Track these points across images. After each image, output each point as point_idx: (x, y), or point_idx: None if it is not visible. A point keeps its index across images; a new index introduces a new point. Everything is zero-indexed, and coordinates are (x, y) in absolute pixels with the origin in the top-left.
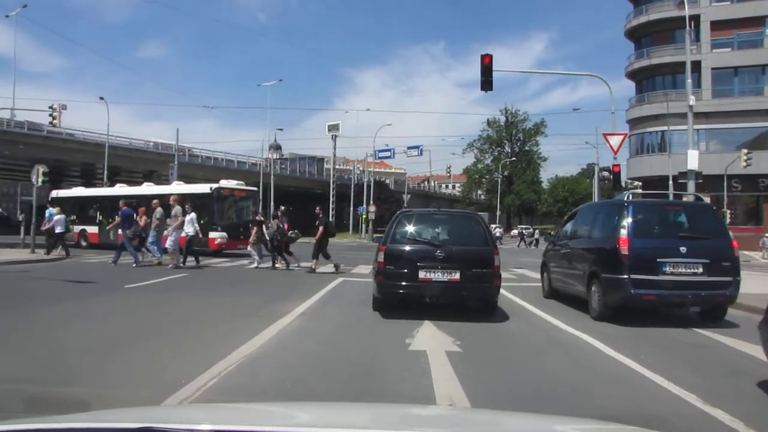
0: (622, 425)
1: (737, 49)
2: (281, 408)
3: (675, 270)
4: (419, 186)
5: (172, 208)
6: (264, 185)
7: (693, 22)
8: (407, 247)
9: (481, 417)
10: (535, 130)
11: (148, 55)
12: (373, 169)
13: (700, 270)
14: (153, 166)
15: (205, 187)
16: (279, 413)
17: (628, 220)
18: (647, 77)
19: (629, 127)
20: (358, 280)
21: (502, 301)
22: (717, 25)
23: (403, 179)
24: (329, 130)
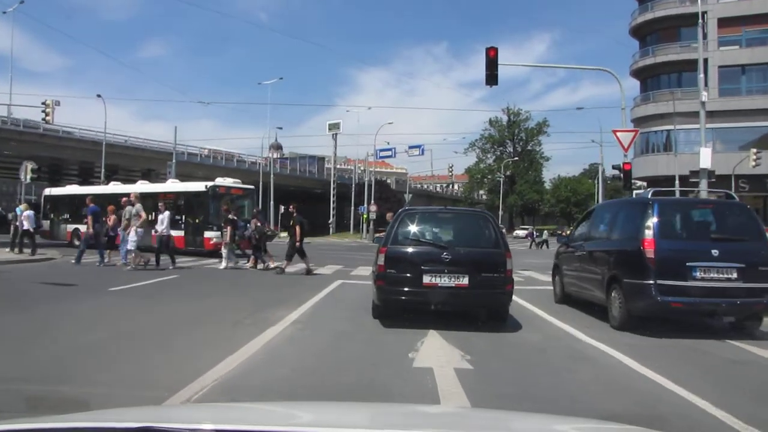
0: (622, 425)
1: (745, 47)
2: (282, 408)
3: (706, 275)
4: (421, 186)
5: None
6: (264, 184)
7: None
8: (410, 249)
9: (481, 417)
10: (537, 129)
11: (148, 54)
12: (374, 168)
13: (735, 275)
14: (151, 165)
15: (200, 186)
16: (279, 413)
17: (654, 220)
18: (652, 75)
19: (634, 126)
20: (358, 283)
21: (512, 306)
22: (724, 22)
23: (404, 179)
24: (330, 129)
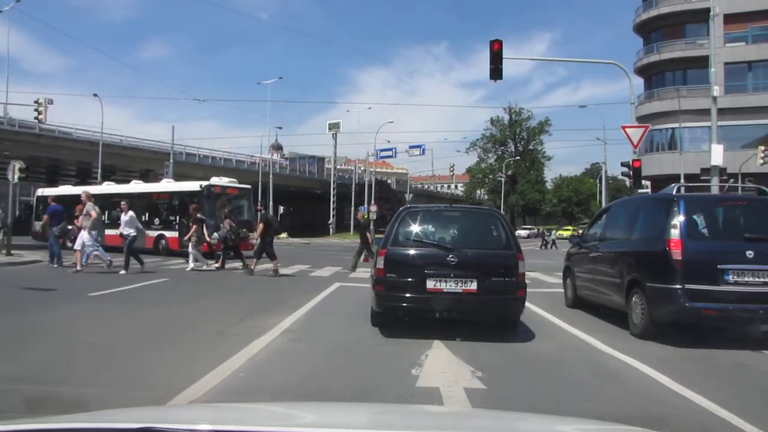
0: (622, 425)
1: (751, 43)
2: (281, 408)
3: (741, 279)
4: (422, 186)
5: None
6: (263, 185)
7: (705, 15)
8: (412, 251)
9: (482, 417)
10: (539, 128)
11: (149, 54)
12: (375, 168)
13: None
14: (149, 165)
15: (194, 185)
16: (279, 413)
17: (680, 218)
18: (657, 73)
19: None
20: (357, 286)
21: None
22: (730, 18)
23: (405, 179)
24: (330, 129)
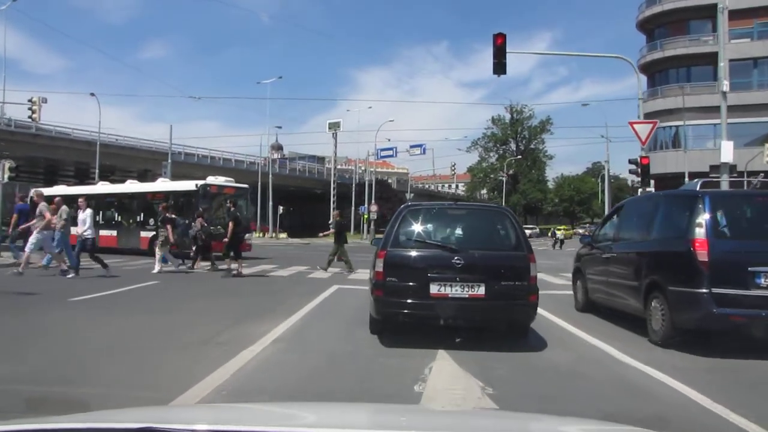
0: (622, 425)
1: (757, 39)
2: (281, 408)
3: None
4: (423, 186)
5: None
6: (263, 185)
7: (710, 11)
8: (414, 253)
9: (483, 417)
10: (541, 127)
11: (149, 55)
12: (375, 168)
13: None
14: (147, 165)
15: (190, 184)
16: (279, 413)
17: (705, 216)
18: (660, 70)
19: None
20: (356, 288)
21: None
22: (735, 14)
23: (405, 179)
24: (330, 128)
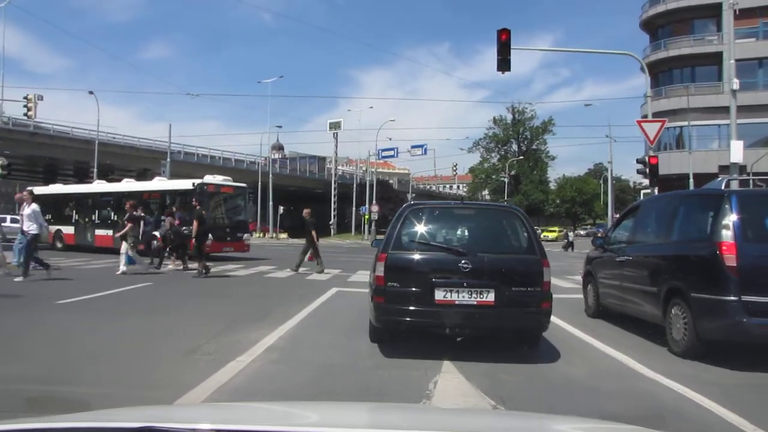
0: (622, 425)
1: (762, 39)
2: (282, 407)
3: None
4: (424, 187)
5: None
6: (263, 185)
7: (714, 10)
8: (418, 256)
9: (481, 417)
10: (543, 128)
11: (152, 54)
12: (376, 169)
13: None
14: (147, 164)
15: (187, 183)
16: (279, 413)
17: (733, 218)
18: (664, 70)
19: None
20: (356, 291)
21: None
22: (740, 13)
23: (407, 179)
24: (331, 128)
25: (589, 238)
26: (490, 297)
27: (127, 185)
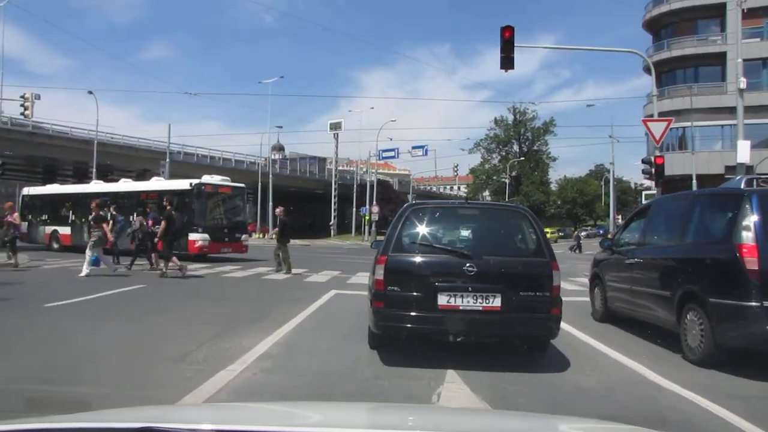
0: (622, 425)
1: (767, 39)
2: (282, 408)
3: None
4: (425, 188)
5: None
6: (263, 185)
7: (718, 10)
8: (420, 258)
9: (481, 417)
10: (544, 129)
11: (153, 55)
12: (377, 170)
13: None
14: (146, 165)
15: (184, 183)
16: (279, 413)
17: (754, 218)
18: (667, 70)
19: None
20: (355, 294)
21: None
22: (745, 13)
23: (407, 180)
24: (331, 128)
25: (589, 240)
26: (497, 302)
27: (124, 185)
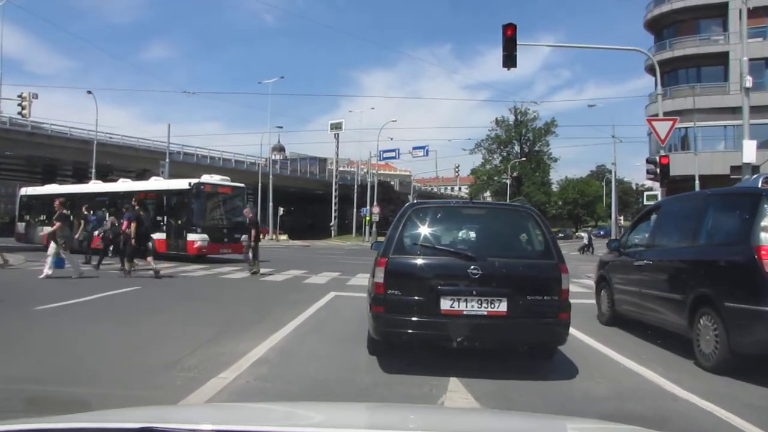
0: (622, 425)
1: None
2: (282, 408)
3: None
4: (426, 188)
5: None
6: (263, 186)
7: (720, 10)
8: (422, 260)
9: (482, 417)
10: (545, 129)
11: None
12: (377, 170)
13: None
14: (145, 165)
15: (183, 183)
16: (279, 413)
17: None
18: (669, 70)
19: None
20: (355, 296)
21: None
22: (749, 12)
23: (408, 180)
24: (332, 129)
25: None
26: (503, 307)
27: (123, 185)
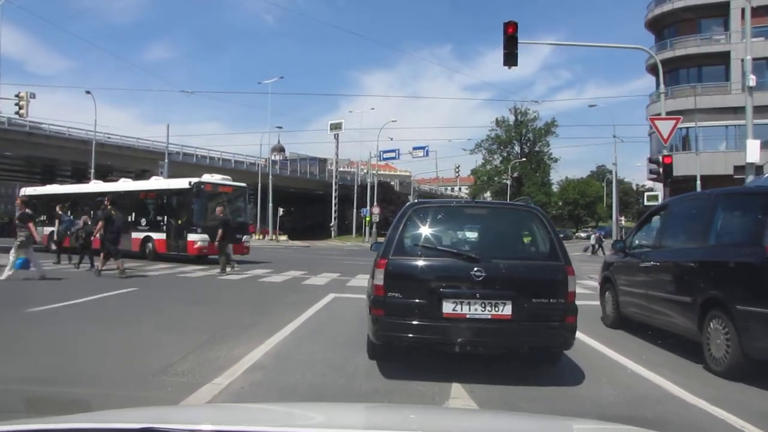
0: (622, 425)
1: None
2: (283, 408)
3: None
4: (426, 188)
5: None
6: (263, 186)
7: (722, 9)
8: (423, 262)
9: (482, 417)
10: (546, 129)
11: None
12: (377, 171)
13: None
14: (145, 165)
15: (183, 182)
16: (279, 413)
17: None
18: (670, 70)
19: (650, 124)
20: (355, 297)
21: None
22: (751, 11)
23: (408, 181)
24: (332, 129)
25: (589, 241)
26: (507, 310)
27: (123, 185)
